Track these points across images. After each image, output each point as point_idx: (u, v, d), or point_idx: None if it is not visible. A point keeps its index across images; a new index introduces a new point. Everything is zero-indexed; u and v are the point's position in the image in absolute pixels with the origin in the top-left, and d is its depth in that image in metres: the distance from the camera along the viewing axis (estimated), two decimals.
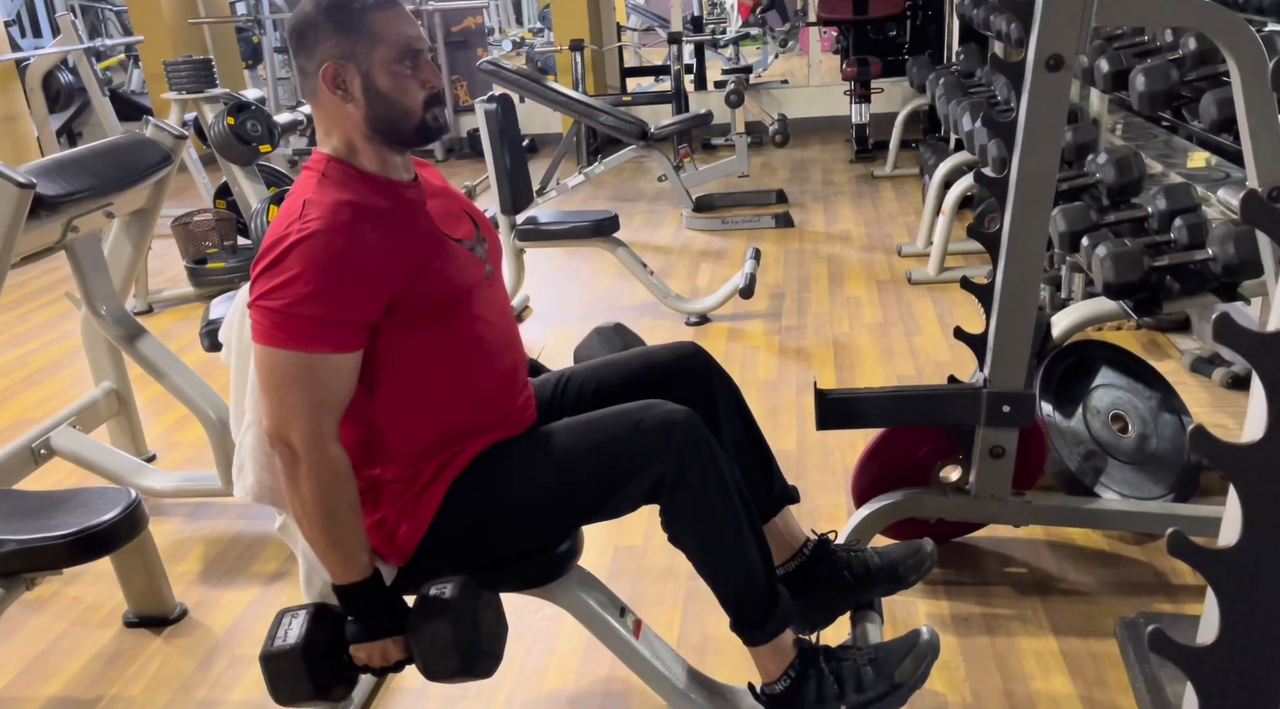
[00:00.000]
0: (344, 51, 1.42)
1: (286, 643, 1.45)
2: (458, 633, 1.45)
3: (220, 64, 7.60)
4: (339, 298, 1.36)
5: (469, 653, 1.47)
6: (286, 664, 1.45)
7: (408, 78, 1.45)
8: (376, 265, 1.39)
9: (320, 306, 1.35)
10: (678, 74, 6.58)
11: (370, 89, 1.44)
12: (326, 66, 1.43)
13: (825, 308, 3.87)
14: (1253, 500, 0.89)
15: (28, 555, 1.71)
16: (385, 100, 1.45)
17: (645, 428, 1.47)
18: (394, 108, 1.45)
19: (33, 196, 2.09)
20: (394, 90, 1.45)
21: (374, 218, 1.42)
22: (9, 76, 6.37)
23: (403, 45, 1.44)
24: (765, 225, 5.01)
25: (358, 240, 1.38)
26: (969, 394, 2.00)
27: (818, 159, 6.58)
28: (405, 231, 1.45)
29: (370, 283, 1.39)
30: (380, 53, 1.43)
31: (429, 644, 1.46)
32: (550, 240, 3.72)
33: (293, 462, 1.38)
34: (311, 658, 1.45)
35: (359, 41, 1.42)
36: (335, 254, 1.36)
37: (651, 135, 4.93)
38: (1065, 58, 1.76)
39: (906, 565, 1.75)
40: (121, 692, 2.02)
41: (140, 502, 1.85)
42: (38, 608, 2.32)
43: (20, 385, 3.73)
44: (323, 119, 1.49)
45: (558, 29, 7.15)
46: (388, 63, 1.44)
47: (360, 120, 1.46)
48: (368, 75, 1.43)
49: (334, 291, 1.36)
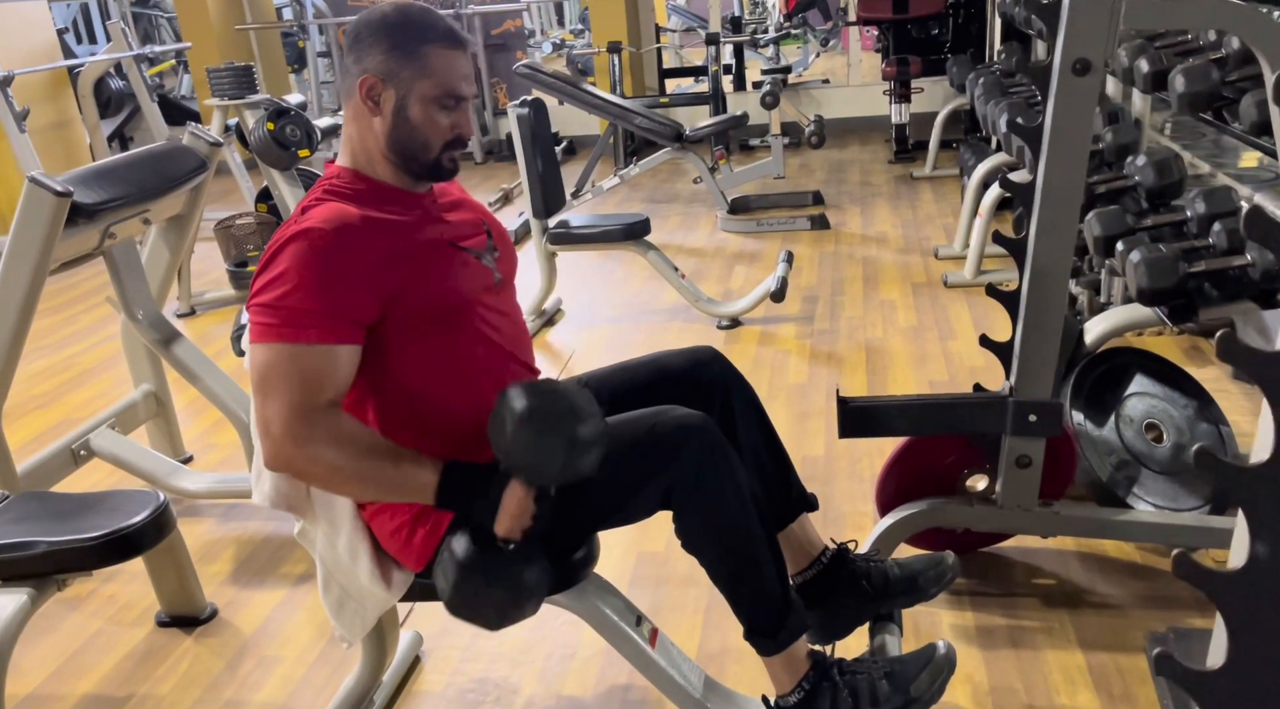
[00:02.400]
0: (389, 71, 1.45)
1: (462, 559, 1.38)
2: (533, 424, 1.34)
3: (265, 69, 7.73)
4: (324, 289, 1.38)
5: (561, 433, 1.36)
6: (466, 597, 1.39)
7: (440, 116, 1.47)
8: (368, 266, 1.40)
9: (305, 298, 1.37)
10: (715, 75, 6.55)
11: (400, 113, 1.46)
12: (366, 77, 1.45)
13: (859, 311, 3.83)
14: (1260, 522, 0.86)
15: (58, 557, 1.75)
16: (410, 129, 1.47)
17: (659, 434, 1.46)
18: (415, 139, 1.48)
19: (70, 204, 2.14)
20: (422, 123, 1.47)
21: (373, 222, 1.44)
22: (61, 83, 6.53)
23: (448, 87, 1.46)
24: (801, 227, 4.97)
25: (350, 239, 1.40)
26: (994, 403, 1.97)
27: (856, 160, 6.52)
28: (406, 238, 1.47)
29: (359, 280, 1.40)
30: (423, 85, 1.45)
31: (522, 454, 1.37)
32: (582, 244, 3.73)
33: (286, 456, 1.38)
34: (485, 571, 1.38)
35: (407, 67, 1.44)
36: (323, 249, 1.38)
37: (686, 137, 4.92)
38: (1092, 62, 1.73)
39: (927, 577, 1.73)
40: (152, 690, 2.07)
41: (168, 505, 1.89)
42: (75, 606, 2.37)
43: (66, 387, 3.82)
44: (350, 121, 1.52)
45: (596, 31, 7.17)
46: (427, 97, 1.46)
47: (381, 137, 1.48)
48: (403, 100, 1.46)
49: (319, 283, 1.37)
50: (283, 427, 1.37)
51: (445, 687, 2.00)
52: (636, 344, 3.72)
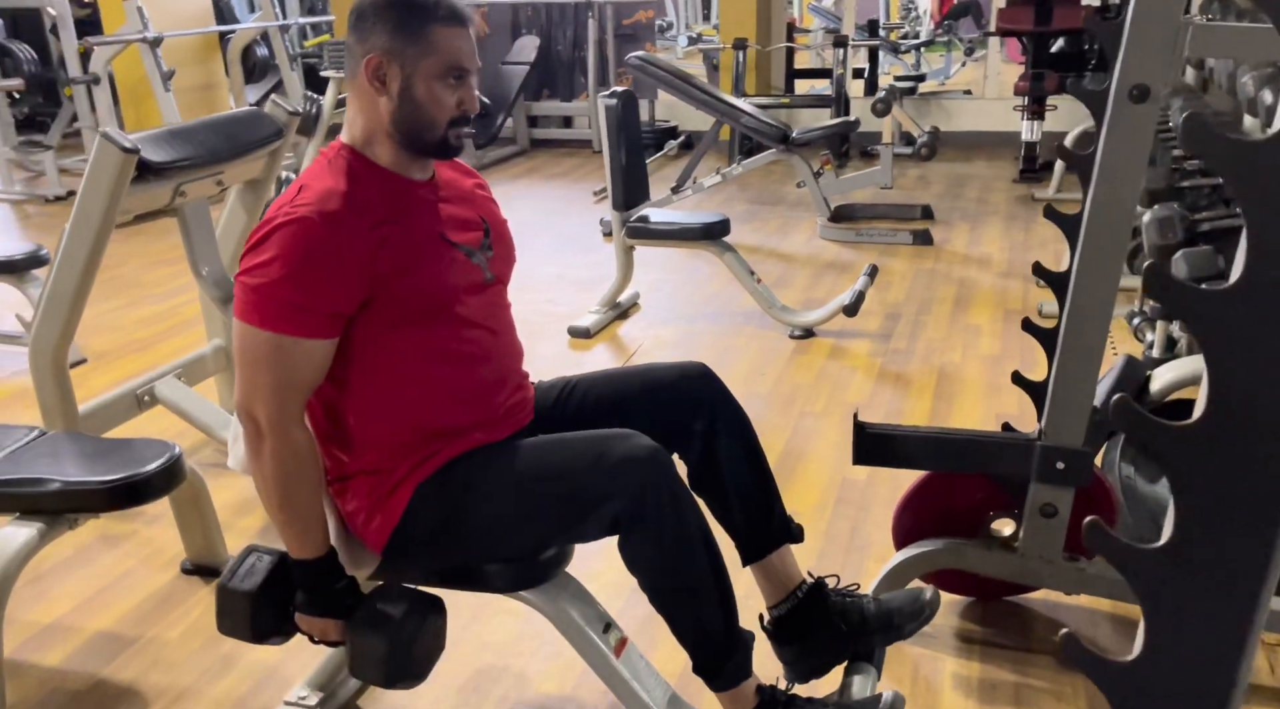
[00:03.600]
0: (394, 49, 1.45)
1: (243, 585, 1.51)
2: (390, 650, 1.48)
3: None
4: (311, 285, 1.38)
5: (394, 671, 1.50)
6: (237, 603, 1.52)
7: (445, 93, 1.47)
8: (355, 258, 1.40)
9: (292, 291, 1.38)
10: (840, 78, 6.40)
11: (406, 92, 1.46)
12: (372, 57, 1.45)
13: (940, 333, 3.67)
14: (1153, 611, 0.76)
15: (70, 496, 1.83)
16: (416, 107, 1.47)
17: (606, 463, 1.42)
18: (422, 117, 1.47)
19: (136, 161, 2.24)
20: (428, 101, 1.46)
21: (365, 210, 1.43)
22: (211, 48, 6.88)
23: (452, 63, 1.46)
24: (901, 241, 4.80)
25: (340, 230, 1.40)
26: (1020, 445, 1.85)
27: (978, 176, 6.26)
28: (397, 227, 1.46)
29: (346, 274, 1.40)
30: (428, 63, 1.45)
31: (361, 650, 1.50)
32: (659, 240, 3.70)
33: (257, 437, 1.41)
34: (260, 607, 1.51)
35: (411, 45, 1.44)
36: (314, 241, 1.38)
37: (793, 140, 4.81)
38: (1151, 88, 1.59)
39: (903, 614, 1.64)
40: (160, 634, 2.15)
41: (180, 457, 1.95)
42: (114, 544, 2.50)
43: (163, 335, 4.03)
44: (353, 101, 1.52)
45: (724, 27, 7.11)
46: (431, 74, 1.45)
47: (387, 116, 1.48)
48: (408, 79, 1.45)
49: (307, 278, 1.38)
50: (268, 412, 1.41)
51: None
52: (704, 345, 3.66)
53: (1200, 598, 0.73)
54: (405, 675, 1.51)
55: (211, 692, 1.97)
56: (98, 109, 6.22)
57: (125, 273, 4.78)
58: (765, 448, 1.68)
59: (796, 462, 2.77)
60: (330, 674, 1.91)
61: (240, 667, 2.03)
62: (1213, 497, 0.70)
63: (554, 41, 7.60)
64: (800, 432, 2.95)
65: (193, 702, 1.95)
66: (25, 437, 2.01)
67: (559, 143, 7.58)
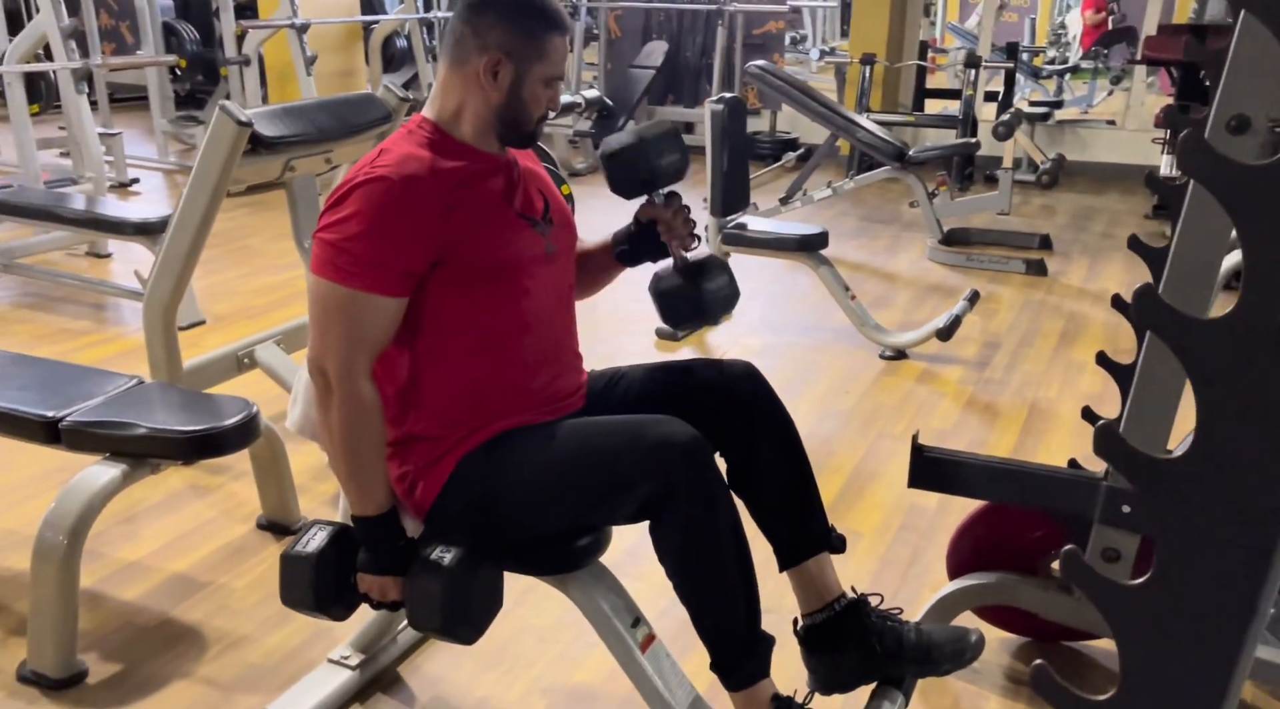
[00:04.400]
0: (513, 50, 1.52)
1: (304, 550, 1.56)
2: (445, 596, 1.50)
3: None
4: (386, 242, 1.44)
5: (450, 616, 1.52)
6: (298, 569, 1.56)
7: (544, 95, 1.57)
8: (429, 218, 1.46)
9: (368, 247, 1.43)
10: (968, 99, 6.23)
11: (514, 89, 1.54)
12: (492, 55, 1.51)
13: (1040, 367, 3.54)
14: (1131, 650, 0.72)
15: (152, 442, 1.95)
16: (520, 104, 1.55)
17: (642, 445, 1.44)
18: (522, 113, 1.56)
19: (249, 134, 2.37)
20: (530, 100, 1.56)
21: (441, 175, 1.49)
22: (354, 37, 7.19)
23: (558, 71, 1.57)
24: (1013, 269, 4.65)
25: (417, 192, 1.45)
26: (1085, 484, 1.77)
27: (1108, 209, 6.01)
28: (469, 192, 1.51)
29: (419, 234, 1.45)
30: (539, 68, 1.54)
31: (418, 597, 1.53)
32: (754, 247, 3.68)
33: (325, 390, 1.47)
34: (321, 571, 1.55)
35: (529, 49, 1.52)
36: (391, 200, 1.44)
37: (909, 158, 4.72)
38: (1252, 120, 1.50)
39: (943, 651, 1.59)
40: (230, 582, 2.27)
41: (257, 415, 2.06)
42: (202, 495, 2.64)
43: (278, 303, 4.23)
44: (454, 85, 1.56)
45: (854, 41, 7.03)
46: (538, 78, 1.55)
47: (490, 107, 1.55)
48: (519, 78, 1.53)
49: (383, 235, 1.44)
50: (336, 365, 1.46)
51: (465, 648, 2.05)
52: (789, 358, 3.63)
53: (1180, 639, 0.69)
54: (461, 621, 1.53)
55: (267, 641, 2.07)
56: (246, 88, 6.59)
57: (252, 244, 5.04)
58: (836, 466, 1.66)
59: (867, 482, 2.71)
60: (374, 638, 1.98)
61: (296, 621, 2.12)
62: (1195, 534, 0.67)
63: (682, 48, 7.64)
64: (876, 452, 2.89)
65: (248, 648, 2.05)
66: (124, 384, 2.15)
67: None
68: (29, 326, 3.88)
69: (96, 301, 4.18)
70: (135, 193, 6.06)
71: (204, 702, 1.90)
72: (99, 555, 2.34)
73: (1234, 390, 0.63)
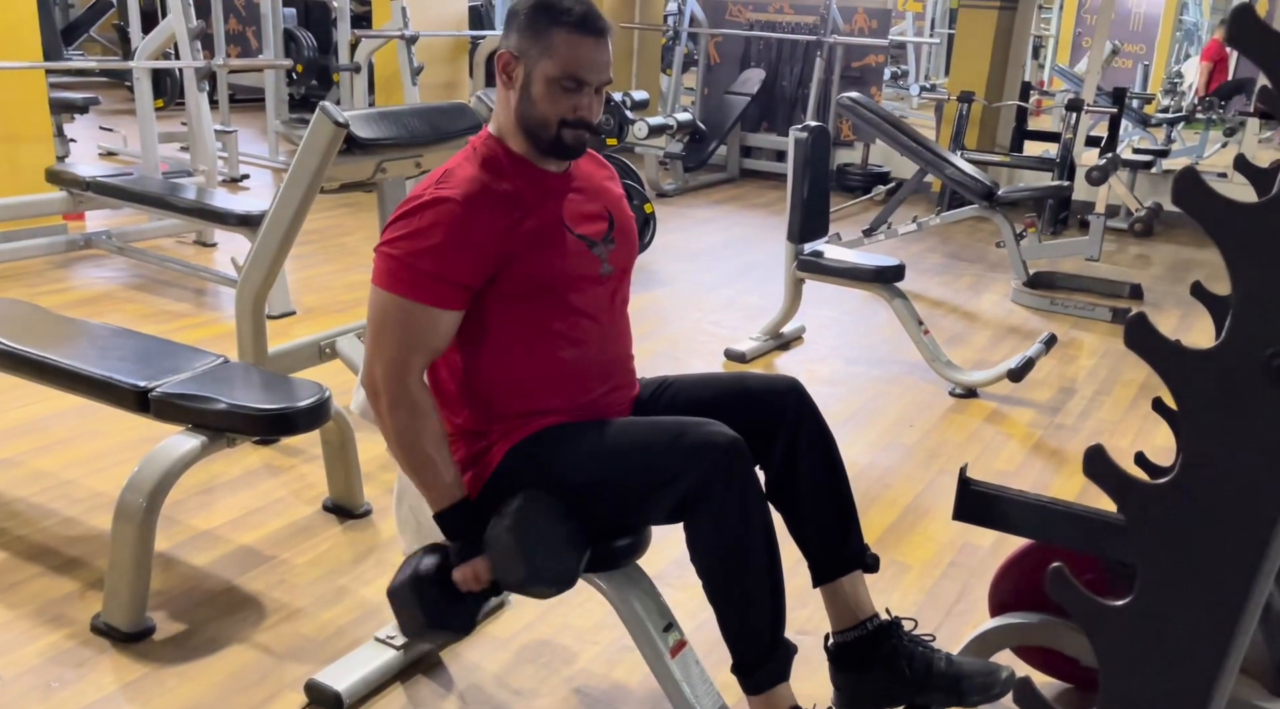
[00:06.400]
0: (522, 48, 1.57)
1: (400, 577, 1.59)
2: (518, 537, 1.50)
3: (640, 65, 8.30)
4: (448, 259, 1.51)
5: (531, 558, 1.51)
6: (404, 593, 1.58)
7: (560, 96, 1.55)
8: (488, 238, 1.53)
9: (431, 262, 1.51)
10: (1067, 142, 6.12)
11: (525, 89, 1.57)
12: (504, 52, 1.59)
13: (1114, 416, 3.47)
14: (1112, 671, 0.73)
15: (229, 417, 2.06)
16: (531, 104, 1.57)
17: (683, 443, 1.48)
18: (534, 114, 1.57)
19: (345, 134, 2.50)
20: (541, 100, 1.55)
21: (501, 198, 1.56)
22: (460, 50, 7.42)
23: (568, 69, 1.54)
24: (1099, 316, 4.55)
25: (478, 213, 1.53)
26: None
27: (1210, 263, 5.82)
28: (526, 213, 1.58)
29: (479, 252, 1.53)
30: (545, 64, 1.54)
31: (498, 553, 1.53)
32: (828, 275, 3.69)
33: (374, 396, 1.55)
34: (420, 588, 1.57)
35: (535, 45, 1.55)
36: (454, 220, 1.52)
37: (997, 198, 4.68)
38: None
39: (973, 683, 1.59)
40: (292, 558, 2.37)
41: (329, 399, 2.16)
42: (275, 474, 2.77)
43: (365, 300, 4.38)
44: (500, 96, 1.63)
45: (954, 78, 6.97)
46: (546, 76, 1.54)
47: (511, 109, 1.60)
48: (529, 77, 1.56)
49: (445, 253, 1.51)
50: (385, 369, 1.53)
51: (510, 637, 2.12)
52: (857, 388, 3.62)
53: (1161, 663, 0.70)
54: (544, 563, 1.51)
55: (320, 616, 2.16)
56: (355, 94, 6.86)
57: (347, 242, 5.24)
58: (892, 498, 1.67)
59: (921, 516, 2.70)
60: None
61: (349, 601, 2.22)
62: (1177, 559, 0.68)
63: (780, 77, 7.69)
64: (934, 487, 2.87)
65: (302, 621, 2.15)
66: (211, 362, 2.28)
67: (768, 175, 7.65)
68: (135, 306, 4.11)
69: (198, 287, 4.40)
70: (245, 188, 6.35)
71: (257, 666, 2.00)
72: (176, 522, 2.47)
73: (1219, 418, 0.65)
